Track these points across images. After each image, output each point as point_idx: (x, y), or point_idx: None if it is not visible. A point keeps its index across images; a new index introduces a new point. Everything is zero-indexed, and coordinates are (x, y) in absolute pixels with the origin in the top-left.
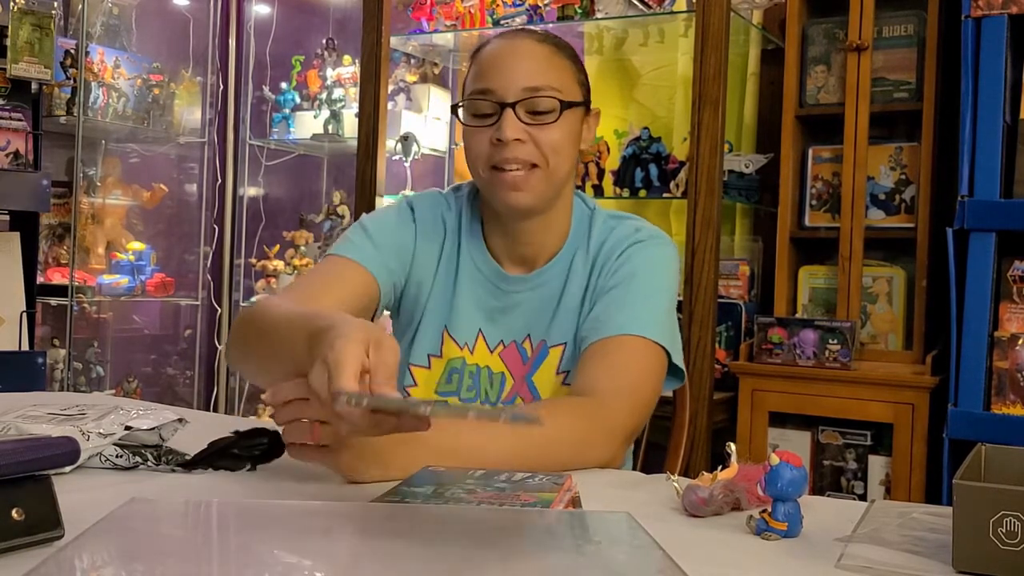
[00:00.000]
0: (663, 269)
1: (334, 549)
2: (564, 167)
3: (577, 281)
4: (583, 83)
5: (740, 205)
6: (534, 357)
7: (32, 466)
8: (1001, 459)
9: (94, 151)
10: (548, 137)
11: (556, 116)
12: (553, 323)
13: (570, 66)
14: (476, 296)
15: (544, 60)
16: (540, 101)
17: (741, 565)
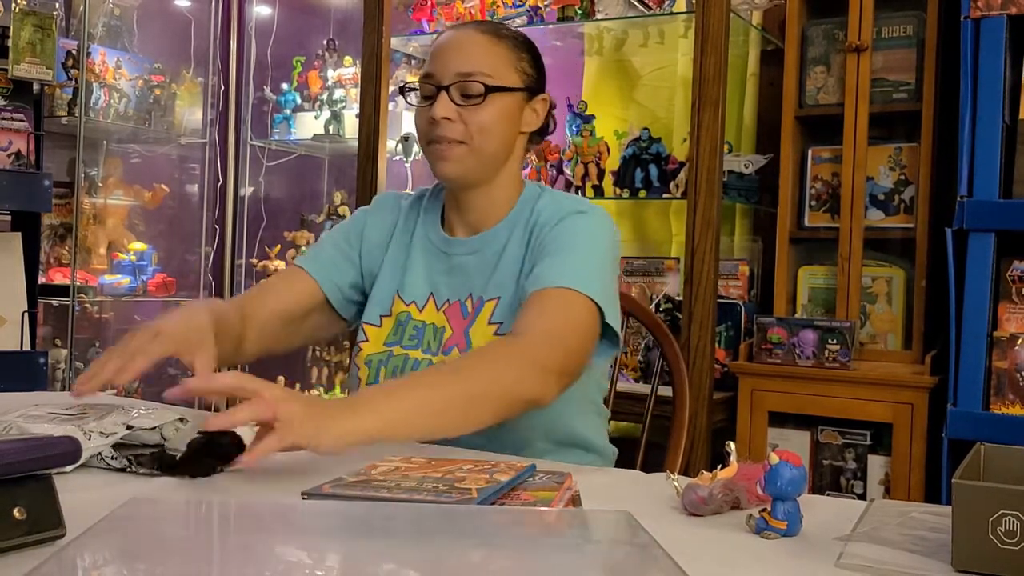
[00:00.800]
0: (601, 236)
1: (334, 548)
2: (491, 145)
3: (516, 243)
4: (526, 71)
5: (740, 205)
6: (474, 313)
7: (34, 465)
8: (1000, 459)
9: (95, 151)
10: (474, 118)
11: (482, 99)
12: (490, 281)
13: (508, 55)
14: (428, 263)
15: (479, 48)
16: (470, 85)
17: (741, 564)
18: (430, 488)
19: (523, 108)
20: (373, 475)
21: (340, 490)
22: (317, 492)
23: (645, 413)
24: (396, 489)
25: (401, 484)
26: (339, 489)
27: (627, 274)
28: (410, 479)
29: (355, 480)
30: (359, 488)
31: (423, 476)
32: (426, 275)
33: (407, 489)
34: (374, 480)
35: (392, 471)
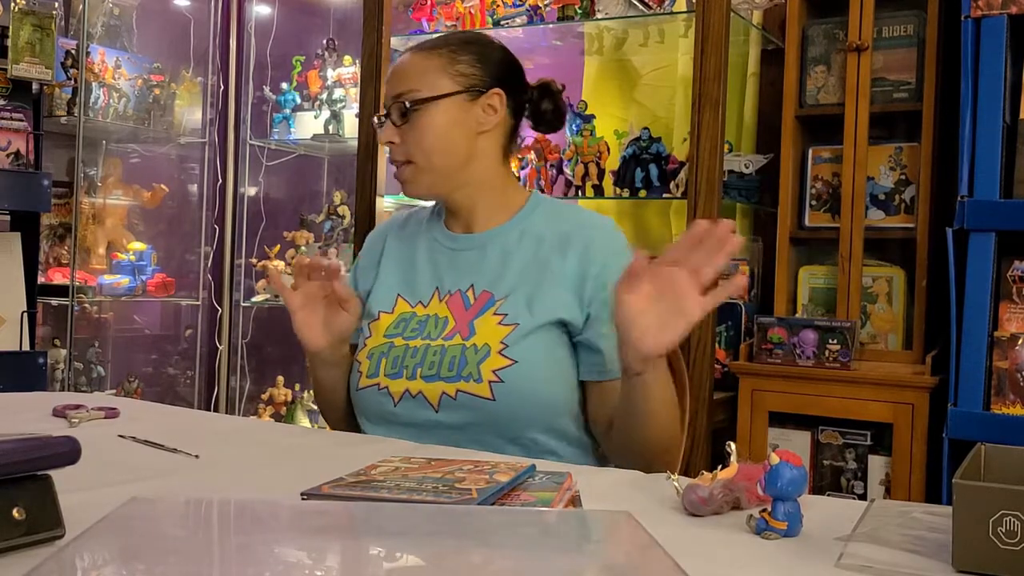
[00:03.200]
0: None
1: (334, 548)
2: (437, 157)
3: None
4: (463, 72)
5: (740, 205)
6: (479, 305)
7: (33, 465)
8: (1001, 459)
9: (95, 151)
10: (410, 135)
11: (414, 115)
12: (498, 278)
13: (440, 63)
14: (433, 260)
15: (410, 67)
16: (401, 105)
17: (741, 564)
18: (430, 488)
19: (470, 110)
20: (373, 475)
21: (340, 490)
22: (317, 492)
23: None
24: (396, 489)
25: (401, 484)
26: (339, 489)
27: None
28: (410, 479)
29: (355, 480)
30: (359, 488)
31: (423, 476)
32: (432, 272)
33: (407, 489)
34: (374, 480)
35: (392, 471)
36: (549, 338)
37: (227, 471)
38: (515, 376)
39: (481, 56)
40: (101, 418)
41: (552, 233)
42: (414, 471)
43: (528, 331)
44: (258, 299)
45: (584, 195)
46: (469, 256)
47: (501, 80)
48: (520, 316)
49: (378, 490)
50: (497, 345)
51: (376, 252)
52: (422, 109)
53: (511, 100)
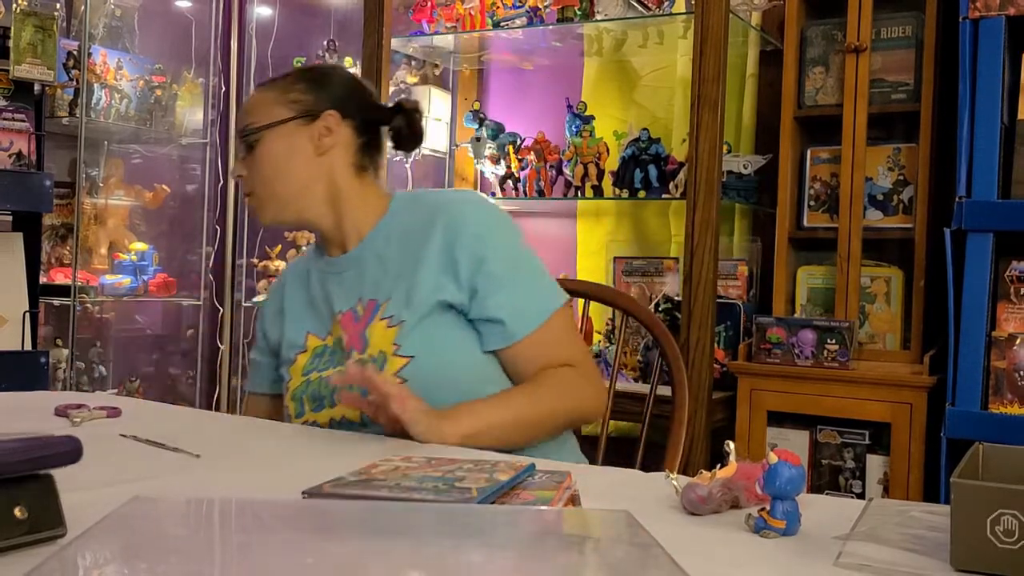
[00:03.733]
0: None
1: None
2: (276, 185)
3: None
4: (296, 99)
5: (739, 206)
6: (367, 315)
7: (34, 465)
8: (999, 458)
9: (96, 152)
10: (251, 167)
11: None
12: (377, 284)
13: (273, 95)
14: (325, 291)
15: (249, 104)
16: (243, 139)
17: (740, 563)
18: (430, 487)
19: (305, 134)
20: (373, 474)
21: (340, 489)
22: (318, 491)
23: (644, 412)
24: (396, 488)
25: (401, 483)
26: (339, 488)
27: (627, 274)
28: (410, 478)
29: (355, 479)
30: (359, 487)
31: (423, 475)
32: (326, 300)
33: (407, 488)
34: (374, 479)
35: (392, 470)
36: (438, 323)
37: (228, 470)
38: (418, 371)
39: (315, 82)
40: (103, 417)
41: (416, 222)
42: (414, 470)
43: (414, 324)
44: (259, 299)
45: (583, 196)
46: (350, 274)
47: (338, 102)
48: (403, 313)
49: (379, 489)
50: (390, 348)
51: (277, 301)
52: (260, 139)
53: (352, 120)
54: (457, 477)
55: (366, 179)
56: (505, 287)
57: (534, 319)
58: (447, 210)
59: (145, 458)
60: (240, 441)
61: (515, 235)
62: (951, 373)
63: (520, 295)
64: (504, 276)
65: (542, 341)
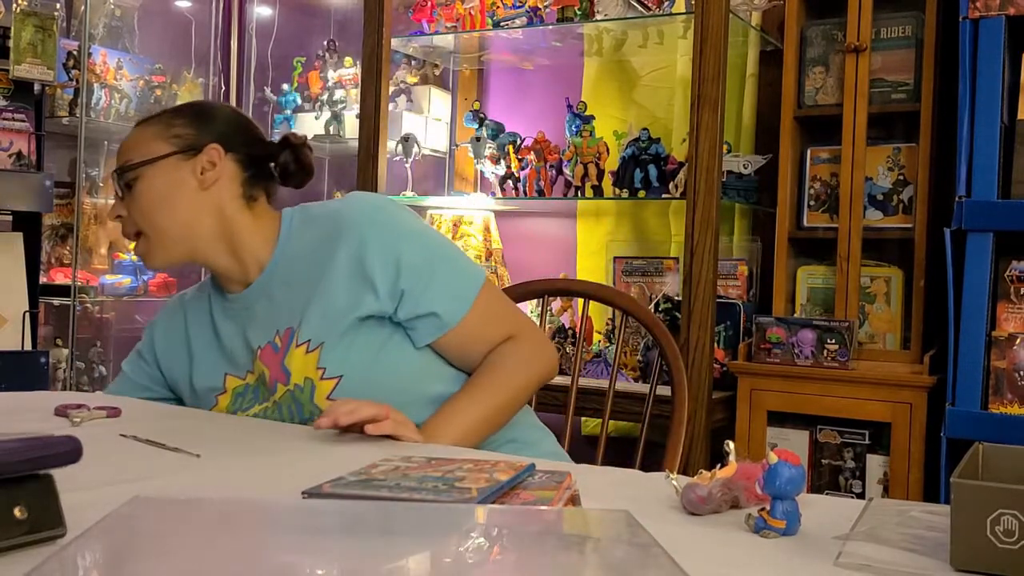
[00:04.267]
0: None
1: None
2: (163, 221)
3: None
4: (177, 134)
5: (739, 205)
6: (284, 344)
7: (34, 465)
8: (998, 458)
9: (96, 152)
10: (135, 205)
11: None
12: (288, 312)
13: (154, 131)
14: (235, 328)
15: (129, 141)
16: (121, 177)
17: (740, 563)
18: (430, 487)
19: (188, 169)
20: (373, 474)
21: (340, 489)
22: (318, 491)
23: (644, 412)
24: (396, 488)
25: (401, 483)
26: (339, 488)
27: (626, 274)
28: (410, 478)
29: (355, 479)
30: (359, 487)
31: (423, 475)
32: (240, 337)
33: (407, 488)
34: (374, 479)
35: (392, 470)
36: (359, 337)
37: (228, 470)
38: (348, 390)
39: (198, 117)
40: (103, 417)
41: (314, 239)
42: (414, 470)
43: (335, 343)
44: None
45: (583, 196)
46: (261, 305)
47: (220, 136)
48: (321, 334)
49: (379, 489)
50: (315, 373)
51: (179, 331)
52: (139, 176)
53: (236, 153)
54: (457, 477)
55: (257, 208)
56: (430, 280)
57: (464, 302)
58: (344, 221)
59: (145, 458)
60: (240, 441)
61: (417, 224)
62: (951, 373)
63: (445, 282)
64: (425, 270)
65: (478, 320)
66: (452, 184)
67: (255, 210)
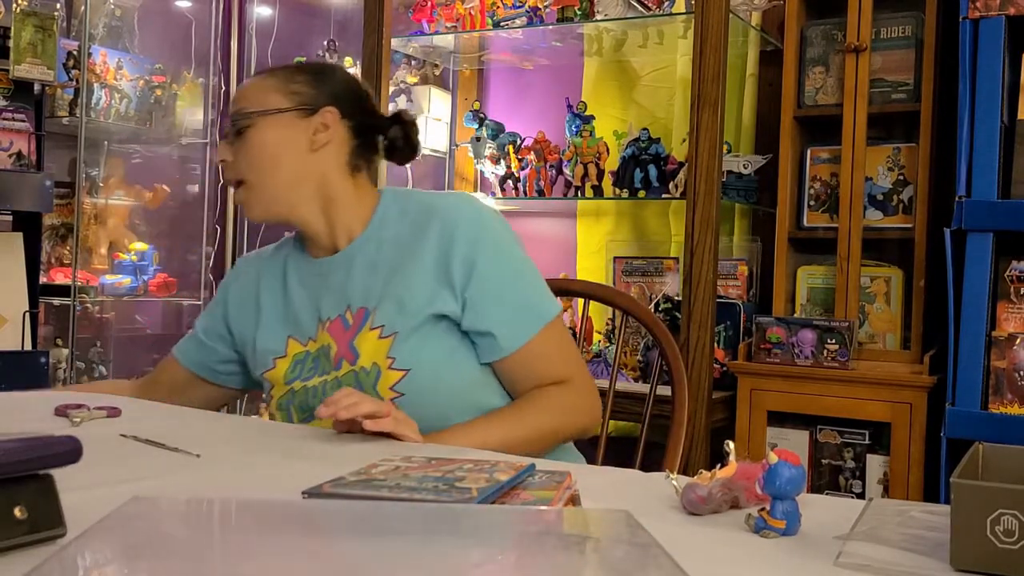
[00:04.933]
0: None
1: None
2: (267, 176)
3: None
4: (297, 91)
5: (739, 205)
6: (357, 323)
7: (34, 465)
8: (999, 458)
9: (97, 152)
10: (243, 152)
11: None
12: (366, 290)
13: (274, 83)
14: (308, 292)
15: (245, 88)
16: (234, 123)
17: (740, 563)
18: (430, 487)
19: (301, 128)
20: (373, 474)
21: (340, 489)
22: (317, 491)
23: (644, 412)
24: (396, 488)
25: (401, 483)
26: (339, 488)
27: (626, 274)
28: (410, 478)
29: (355, 479)
30: (359, 487)
31: (423, 475)
32: (310, 303)
33: (407, 488)
34: (374, 479)
35: (392, 470)
36: (432, 335)
37: (228, 470)
38: (413, 386)
39: (317, 77)
40: (103, 417)
41: (409, 225)
42: (414, 470)
43: (408, 335)
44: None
45: (583, 195)
46: (338, 277)
47: (337, 100)
48: (396, 323)
49: (379, 489)
50: (384, 361)
51: (250, 290)
52: (252, 125)
53: (349, 120)
54: (457, 477)
55: (359, 180)
56: (496, 299)
57: (524, 333)
58: (442, 215)
59: (145, 458)
60: (240, 441)
61: (509, 241)
62: (951, 373)
63: (511, 307)
64: (495, 287)
65: (533, 355)
66: (452, 184)
67: (356, 180)
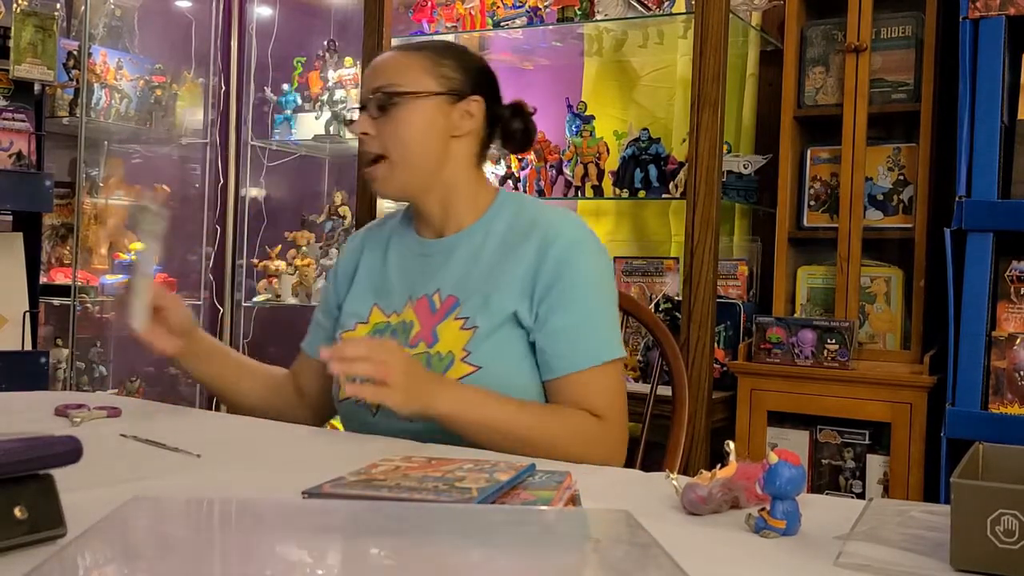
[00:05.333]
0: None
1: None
2: (412, 153)
3: (495, 250)
4: (446, 75)
5: (739, 205)
6: (444, 310)
7: (34, 465)
8: (999, 458)
9: (97, 152)
10: (387, 127)
11: (392, 108)
12: (462, 281)
13: (423, 63)
14: (404, 268)
15: (392, 61)
16: (380, 97)
17: (740, 563)
18: (430, 487)
19: (448, 113)
20: (373, 474)
21: (340, 489)
22: (317, 491)
23: (644, 412)
24: (396, 488)
25: (401, 483)
26: (339, 488)
27: (627, 274)
28: (410, 478)
29: (355, 479)
30: (359, 487)
31: (423, 475)
32: (404, 279)
33: (407, 488)
34: (374, 479)
35: (392, 470)
36: (509, 337)
37: (228, 470)
38: (479, 383)
39: (463, 63)
40: (103, 417)
41: (514, 230)
42: (414, 470)
43: (487, 333)
44: (259, 299)
45: (583, 196)
46: (437, 260)
47: (481, 89)
48: (479, 318)
49: (379, 489)
50: (460, 352)
51: (352, 262)
52: (402, 103)
53: (489, 110)
54: (457, 477)
55: (480, 172)
56: (561, 324)
57: (578, 362)
58: (544, 229)
59: (145, 458)
60: (240, 441)
61: (598, 272)
62: (951, 373)
63: (576, 334)
64: (565, 312)
65: (579, 384)
66: None
67: (479, 172)
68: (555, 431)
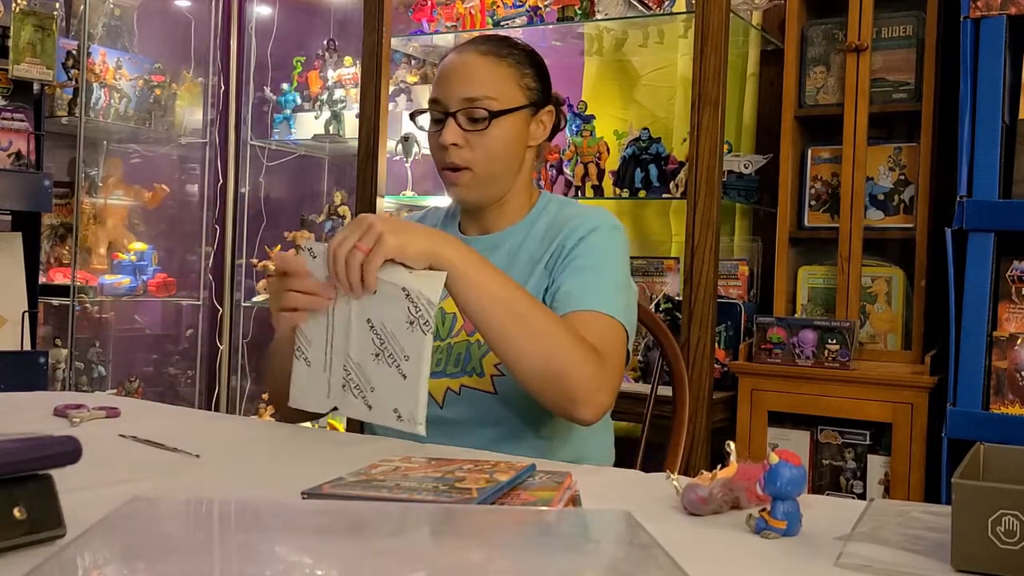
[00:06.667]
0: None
1: (334, 547)
2: (498, 168)
3: (532, 247)
4: (529, 86)
5: (739, 205)
6: None
7: (34, 465)
8: (999, 458)
9: (96, 151)
10: (481, 142)
11: (486, 124)
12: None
13: (511, 73)
14: None
15: (483, 71)
16: (475, 111)
17: (740, 564)
18: (430, 488)
19: (528, 123)
20: (373, 475)
21: (340, 490)
22: (317, 492)
23: (645, 413)
24: (396, 489)
25: (401, 484)
26: (339, 489)
27: None
28: (410, 479)
29: (355, 480)
30: (359, 488)
31: (423, 476)
32: None
33: (407, 489)
34: (374, 480)
35: (392, 471)
36: None
37: (228, 471)
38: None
39: (540, 70)
40: (102, 418)
41: (552, 227)
42: (414, 471)
43: None
44: (259, 299)
45: (584, 195)
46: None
47: (551, 97)
48: None
49: (378, 490)
50: None
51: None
52: (496, 120)
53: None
54: (457, 477)
55: (533, 175)
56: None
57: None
58: (573, 222)
59: (145, 458)
60: (240, 441)
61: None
62: (952, 373)
63: (580, 286)
64: (576, 271)
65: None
66: None
67: (532, 175)
68: (559, 324)
